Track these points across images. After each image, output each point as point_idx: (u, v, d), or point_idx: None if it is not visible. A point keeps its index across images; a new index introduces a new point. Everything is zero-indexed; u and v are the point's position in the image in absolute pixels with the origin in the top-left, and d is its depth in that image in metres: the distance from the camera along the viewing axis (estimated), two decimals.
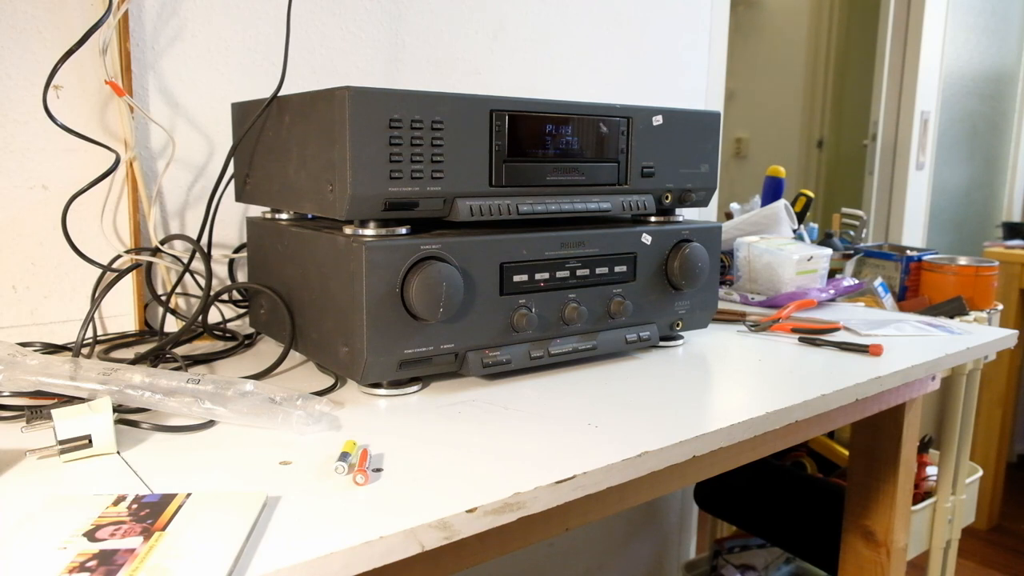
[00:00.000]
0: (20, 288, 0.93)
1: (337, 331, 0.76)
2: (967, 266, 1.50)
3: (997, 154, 3.25)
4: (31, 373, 0.69)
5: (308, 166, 0.77)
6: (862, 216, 1.76)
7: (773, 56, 3.68)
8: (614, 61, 1.51)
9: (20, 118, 0.90)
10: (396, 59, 1.20)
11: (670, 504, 1.81)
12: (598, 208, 0.86)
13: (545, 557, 1.56)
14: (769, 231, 1.39)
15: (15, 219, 0.92)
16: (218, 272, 1.06)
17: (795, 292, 1.21)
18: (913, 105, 2.65)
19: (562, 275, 0.83)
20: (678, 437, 0.66)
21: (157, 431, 0.66)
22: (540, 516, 0.58)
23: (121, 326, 0.99)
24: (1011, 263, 2.38)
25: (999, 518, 2.47)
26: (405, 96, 0.72)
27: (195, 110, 1.03)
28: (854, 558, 1.17)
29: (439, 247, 0.74)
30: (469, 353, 0.78)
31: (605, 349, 0.87)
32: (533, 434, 0.67)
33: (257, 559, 0.46)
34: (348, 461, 0.58)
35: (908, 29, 2.63)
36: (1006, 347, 1.06)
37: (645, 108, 0.89)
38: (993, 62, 3.07)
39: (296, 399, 0.69)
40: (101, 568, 0.44)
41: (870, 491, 1.13)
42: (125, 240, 0.99)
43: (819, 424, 0.90)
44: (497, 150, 0.79)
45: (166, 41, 0.99)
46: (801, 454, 1.63)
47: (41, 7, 0.90)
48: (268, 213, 0.93)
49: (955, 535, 1.49)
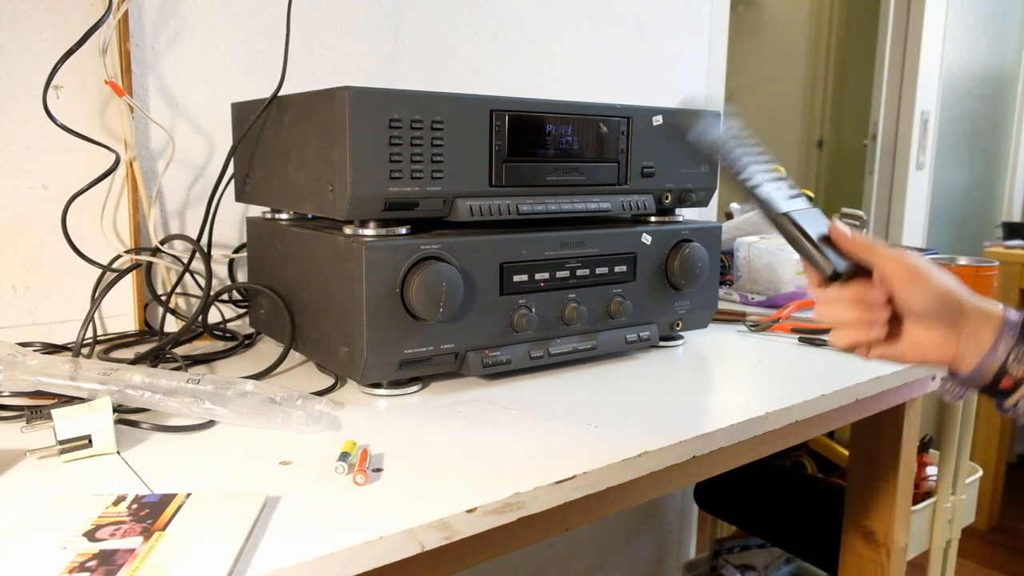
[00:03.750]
0: (20, 288, 0.93)
1: (337, 331, 0.75)
2: (967, 266, 1.50)
3: (997, 154, 3.25)
4: (31, 373, 0.69)
5: (308, 166, 0.77)
6: (862, 216, 1.76)
7: (773, 56, 3.67)
8: (614, 61, 1.50)
9: (20, 118, 0.90)
10: (396, 59, 1.20)
11: (670, 504, 1.81)
12: (598, 208, 0.86)
13: (545, 557, 1.56)
14: (769, 231, 1.39)
15: (15, 219, 0.92)
16: (218, 272, 1.06)
17: (795, 292, 1.21)
18: (913, 105, 2.65)
19: (562, 275, 0.83)
20: (678, 437, 0.66)
21: (157, 431, 0.66)
22: (540, 516, 0.58)
23: (121, 326, 0.99)
24: (1011, 263, 2.38)
25: (999, 518, 2.46)
26: (405, 96, 0.72)
27: (195, 110, 1.03)
28: (854, 558, 1.16)
29: (439, 247, 0.74)
30: (469, 353, 0.78)
31: (605, 349, 0.87)
32: (533, 434, 0.67)
33: (257, 559, 0.46)
34: (348, 461, 0.58)
35: (908, 29, 2.63)
36: None
37: (645, 108, 0.89)
38: (993, 62, 3.07)
39: (296, 399, 0.69)
40: (101, 568, 0.44)
41: (870, 491, 1.13)
42: (125, 240, 0.99)
43: (819, 424, 0.90)
44: (497, 150, 0.79)
45: (166, 41, 0.99)
46: (801, 454, 1.63)
47: (41, 7, 0.90)
48: (268, 213, 0.93)
49: (955, 535, 1.49)
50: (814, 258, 0.62)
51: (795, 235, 0.63)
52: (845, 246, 0.61)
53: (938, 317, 0.59)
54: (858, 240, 0.61)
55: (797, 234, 0.63)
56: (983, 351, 0.59)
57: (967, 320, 0.59)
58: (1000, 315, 0.59)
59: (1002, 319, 0.59)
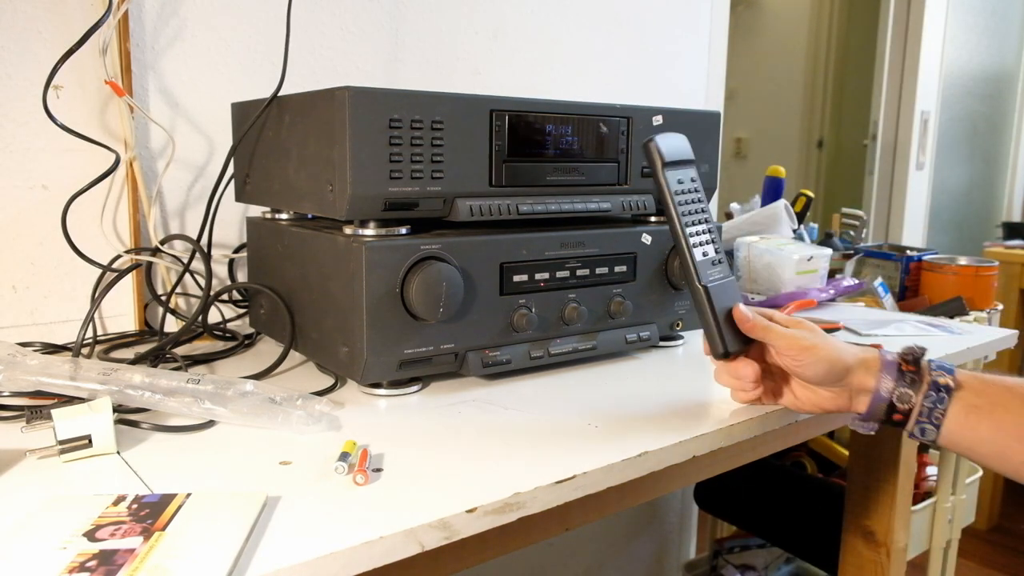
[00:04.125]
0: (20, 288, 0.93)
1: (337, 331, 0.75)
2: (967, 266, 1.50)
3: (997, 154, 3.25)
4: (31, 373, 0.69)
5: (308, 166, 0.77)
6: (862, 216, 1.76)
7: (773, 56, 3.68)
8: (614, 61, 1.51)
9: (20, 118, 0.90)
10: (396, 59, 1.20)
11: (670, 504, 1.81)
12: (598, 208, 0.86)
13: (545, 557, 1.56)
14: (769, 231, 1.39)
15: (15, 219, 0.92)
16: (218, 272, 1.06)
17: (795, 292, 1.21)
18: (913, 105, 2.65)
19: (562, 275, 0.83)
20: (678, 437, 0.66)
21: (157, 431, 0.66)
22: (540, 516, 0.58)
23: (121, 326, 0.99)
24: (1011, 263, 2.38)
25: (999, 518, 2.46)
26: (405, 96, 0.72)
27: (195, 110, 1.03)
28: (854, 558, 1.16)
29: (439, 247, 0.74)
30: (469, 353, 0.78)
31: (605, 349, 0.87)
32: (533, 434, 0.67)
33: (257, 559, 0.46)
34: (348, 461, 0.58)
35: (908, 29, 2.63)
36: (1006, 347, 1.06)
37: (645, 108, 0.89)
38: (993, 62, 3.07)
39: (296, 399, 0.69)
40: (101, 568, 0.44)
41: (870, 491, 1.13)
42: (125, 240, 0.99)
43: (819, 424, 0.90)
44: (497, 150, 0.79)
45: (166, 41, 0.99)
46: (801, 454, 1.63)
47: (41, 7, 0.90)
48: (268, 213, 0.93)
49: (955, 535, 1.49)
50: (712, 337, 0.71)
51: (704, 309, 0.71)
52: (745, 328, 0.70)
53: (829, 381, 0.69)
54: (757, 324, 0.70)
55: (707, 309, 0.71)
56: (870, 396, 0.68)
57: (853, 374, 0.68)
58: (878, 360, 0.69)
59: (879, 363, 0.69)
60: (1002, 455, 0.65)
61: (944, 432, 0.66)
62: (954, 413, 0.66)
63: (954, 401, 0.66)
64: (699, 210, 0.73)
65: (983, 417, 0.65)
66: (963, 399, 0.66)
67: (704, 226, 0.73)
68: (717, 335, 0.71)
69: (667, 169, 0.70)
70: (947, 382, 0.66)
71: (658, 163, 0.70)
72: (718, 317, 0.70)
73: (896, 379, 0.68)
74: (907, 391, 0.67)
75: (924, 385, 0.67)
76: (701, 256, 0.71)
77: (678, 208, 0.71)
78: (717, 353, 0.71)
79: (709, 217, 0.74)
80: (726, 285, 0.72)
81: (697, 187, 0.73)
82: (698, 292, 0.71)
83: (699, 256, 0.71)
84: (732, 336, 0.71)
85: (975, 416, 0.65)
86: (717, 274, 0.72)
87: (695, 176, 0.74)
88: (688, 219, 0.71)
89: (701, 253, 0.71)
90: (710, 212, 0.74)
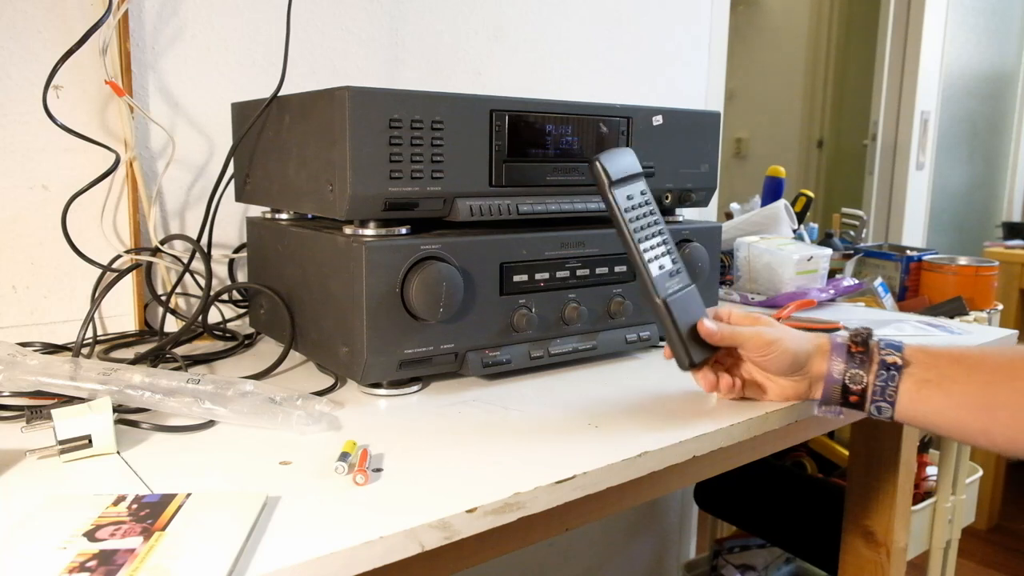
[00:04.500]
0: (20, 288, 0.93)
1: (337, 331, 0.75)
2: (967, 266, 1.50)
3: (997, 154, 3.25)
4: (31, 373, 0.69)
5: (308, 166, 0.77)
6: (862, 216, 1.76)
7: (773, 56, 3.68)
8: (614, 61, 1.50)
9: (20, 118, 0.90)
10: (396, 59, 1.20)
11: (670, 504, 1.81)
12: (598, 208, 0.86)
13: (545, 557, 1.56)
14: (769, 231, 1.39)
15: (15, 219, 0.92)
16: (218, 272, 1.06)
17: (795, 292, 1.21)
18: (913, 105, 2.65)
19: (562, 275, 0.83)
20: (678, 437, 0.66)
21: (157, 431, 0.66)
22: (540, 516, 0.58)
23: (121, 326, 0.99)
24: (1011, 263, 2.38)
25: (999, 518, 2.46)
26: (405, 96, 0.72)
27: (195, 110, 1.03)
28: (854, 558, 1.16)
29: (439, 247, 0.74)
30: (469, 353, 0.78)
31: (605, 349, 0.87)
32: (533, 434, 0.67)
33: (257, 559, 0.46)
34: (348, 461, 0.58)
35: (908, 29, 2.63)
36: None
37: (645, 108, 0.89)
38: (993, 62, 3.07)
39: (296, 399, 0.69)
40: (101, 568, 0.44)
41: (870, 491, 1.13)
42: (125, 240, 0.99)
43: (819, 424, 0.90)
44: (497, 150, 0.79)
45: (166, 41, 0.99)
46: (801, 454, 1.63)
47: (41, 7, 0.90)
48: (268, 213, 0.93)
49: (955, 535, 1.49)
50: (676, 350, 0.72)
51: (667, 324, 0.72)
52: (713, 341, 0.72)
53: (792, 370, 0.72)
54: (723, 333, 0.72)
55: (668, 323, 0.72)
56: (822, 380, 0.71)
57: (811, 362, 0.71)
58: (828, 344, 0.71)
59: (830, 346, 0.71)
60: (960, 426, 0.66)
61: (899, 408, 0.68)
62: (905, 389, 0.67)
63: (904, 377, 0.67)
64: (652, 223, 0.73)
65: (934, 390, 0.66)
66: (913, 375, 0.67)
67: (659, 238, 0.73)
68: (682, 348, 0.72)
69: (614, 187, 0.71)
70: (895, 360, 0.68)
71: (605, 182, 0.71)
72: (680, 330, 0.71)
73: (846, 361, 0.69)
74: (858, 371, 0.69)
75: (874, 364, 0.68)
76: (657, 270, 0.72)
77: (629, 225, 0.71)
78: (683, 365, 0.72)
79: (663, 228, 0.74)
80: (686, 296, 0.73)
81: (648, 200, 0.74)
82: (658, 308, 0.71)
83: (655, 271, 0.71)
84: (697, 347, 0.72)
85: (927, 390, 0.67)
86: (676, 285, 0.73)
87: (645, 189, 0.74)
88: (641, 234, 0.72)
89: (657, 267, 0.72)
90: (663, 223, 0.75)
